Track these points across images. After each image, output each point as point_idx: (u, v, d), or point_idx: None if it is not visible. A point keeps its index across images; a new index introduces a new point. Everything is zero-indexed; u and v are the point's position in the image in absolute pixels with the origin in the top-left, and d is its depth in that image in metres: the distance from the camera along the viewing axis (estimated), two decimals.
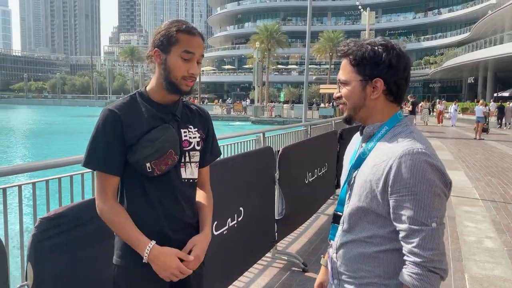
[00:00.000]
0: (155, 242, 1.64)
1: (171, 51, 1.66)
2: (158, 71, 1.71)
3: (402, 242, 1.40)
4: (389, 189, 1.38)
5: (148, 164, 1.66)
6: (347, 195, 1.56)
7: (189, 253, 1.72)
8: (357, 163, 1.52)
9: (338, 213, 1.61)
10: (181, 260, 1.68)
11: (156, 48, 1.69)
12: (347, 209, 1.54)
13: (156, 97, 1.74)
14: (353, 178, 1.53)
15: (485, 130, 21.49)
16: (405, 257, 1.39)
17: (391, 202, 1.39)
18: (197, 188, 1.91)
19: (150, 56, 1.73)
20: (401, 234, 1.39)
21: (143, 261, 1.63)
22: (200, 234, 1.80)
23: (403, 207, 1.36)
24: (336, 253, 1.59)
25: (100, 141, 1.65)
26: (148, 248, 1.62)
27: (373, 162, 1.45)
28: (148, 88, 1.77)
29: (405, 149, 1.37)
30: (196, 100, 57.10)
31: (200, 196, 1.91)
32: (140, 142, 1.66)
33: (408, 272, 1.37)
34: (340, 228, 1.58)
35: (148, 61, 1.75)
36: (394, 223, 1.41)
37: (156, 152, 1.66)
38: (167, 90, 1.70)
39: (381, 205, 1.42)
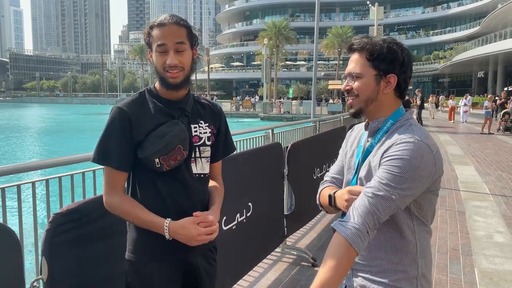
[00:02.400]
0: (170, 219, 1.67)
1: (152, 48, 1.71)
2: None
3: (363, 190, 1.45)
4: (380, 165, 1.46)
5: (157, 160, 1.68)
6: None
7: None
8: (365, 157, 1.59)
9: None
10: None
11: (149, 49, 1.74)
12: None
13: (164, 94, 1.76)
14: (361, 171, 1.59)
15: (508, 129, 19.28)
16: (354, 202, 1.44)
17: (378, 171, 1.46)
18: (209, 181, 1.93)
19: (148, 58, 1.78)
20: (366, 185, 1.46)
21: (167, 238, 1.66)
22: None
23: (384, 171, 1.43)
24: None
25: (109, 138, 1.68)
26: (166, 228, 1.64)
27: (375, 152, 1.54)
28: (156, 84, 1.79)
29: (402, 136, 1.46)
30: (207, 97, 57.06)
31: (212, 184, 1.93)
32: (148, 138, 1.69)
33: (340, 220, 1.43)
34: None
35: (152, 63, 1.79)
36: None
37: (164, 147, 1.68)
38: (161, 86, 1.74)
39: None
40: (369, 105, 1.58)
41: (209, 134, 1.84)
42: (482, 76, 53.65)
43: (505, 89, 41.06)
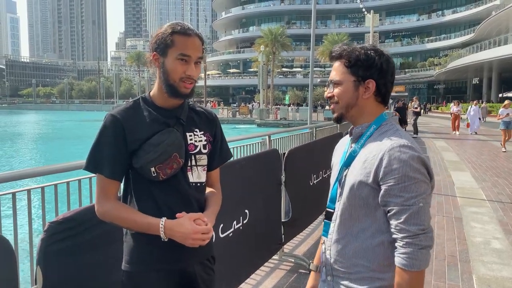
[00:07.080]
0: (165, 218, 1.63)
1: (168, 54, 1.66)
2: (158, 75, 1.72)
3: (390, 221, 1.48)
4: (380, 181, 1.48)
5: (152, 169, 1.65)
6: (338, 192, 1.65)
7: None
8: (348, 161, 1.62)
9: (330, 210, 1.68)
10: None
11: (154, 52, 1.69)
12: (340, 205, 1.61)
13: (159, 102, 1.74)
14: (343, 176, 1.62)
15: None
16: (393, 235, 1.47)
17: (382, 192, 1.48)
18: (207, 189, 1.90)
19: (151, 61, 1.73)
20: (390, 213, 1.48)
21: (162, 239, 1.61)
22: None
23: (392, 194, 1.46)
24: (330, 249, 1.64)
25: (101, 145, 1.65)
26: (161, 227, 1.60)
27: (363, 158, 1.55)
28: (151, 93, 1.77)
29: (393, 143, 1.49)
30: (216, 104, 57.13)
31: (208, 191, 1.90)
32: (143, 146, 1.66)
33: (397, 253, 1.45)
34: (332, 224, 1.65)
35: (150, 66, 1.75)
36: (383, 208, 1.50)
37: (160, 156, 1.65)
38: (167, 93, 1.70)
39: (372, 198, 1.51)
40: (349, 111, 1.64)
41: (205, 142, 1.81)
42: (477, 82, 54.03)
43: (500, 95, 41.33)
